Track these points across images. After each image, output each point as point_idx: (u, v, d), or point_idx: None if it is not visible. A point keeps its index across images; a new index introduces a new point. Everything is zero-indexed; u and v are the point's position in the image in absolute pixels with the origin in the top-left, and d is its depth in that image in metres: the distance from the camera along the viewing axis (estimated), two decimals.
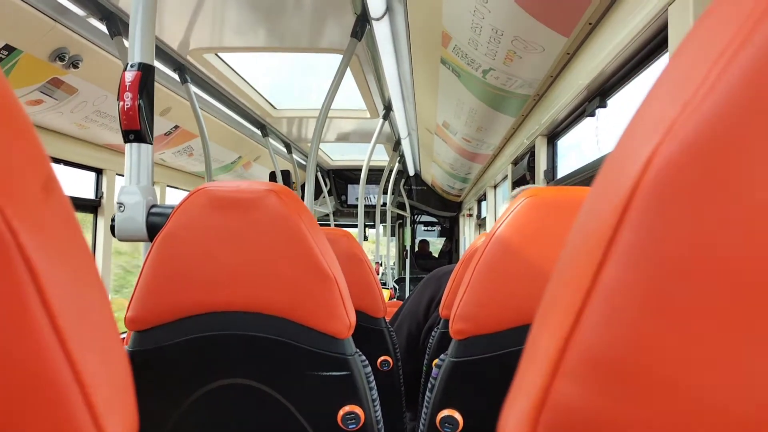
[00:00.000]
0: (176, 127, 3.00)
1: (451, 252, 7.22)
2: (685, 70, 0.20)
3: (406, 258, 6.97)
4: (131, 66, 0.95)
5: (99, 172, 2.84)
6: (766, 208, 0.18)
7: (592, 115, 1.65)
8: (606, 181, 0.22)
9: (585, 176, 1.73)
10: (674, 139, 0.19)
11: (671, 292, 0.19)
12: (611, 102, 1.57)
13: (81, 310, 0.22)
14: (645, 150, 0.20)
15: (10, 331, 0.20)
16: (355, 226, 4.18)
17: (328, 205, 5.99)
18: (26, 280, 0.20)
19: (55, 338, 0.20)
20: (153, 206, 0.97)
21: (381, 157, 5.33)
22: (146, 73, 0.96)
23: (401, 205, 6.80)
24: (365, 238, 6.31)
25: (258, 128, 3.75)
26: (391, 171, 5.13)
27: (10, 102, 0.22)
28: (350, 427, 0.84)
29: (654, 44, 1.23)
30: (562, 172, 2.14)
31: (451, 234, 7.30)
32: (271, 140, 3.89)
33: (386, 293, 4.41)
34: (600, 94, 1.57)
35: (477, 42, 1.68)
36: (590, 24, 1.39)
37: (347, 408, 0.84)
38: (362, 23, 2.01)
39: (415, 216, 7.28)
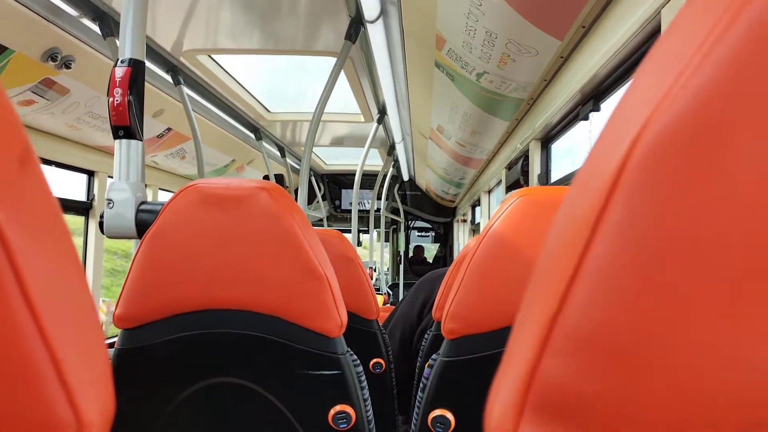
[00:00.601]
0: (169, 129, 2.99)
1: (445, 257, 7.22)
2: (673, 50, 0.20)
3: (400, 263, 6.97)
4: (121, 62, 0.94)
5: (91, 174, 2.82)
6: (752, 185, 0.18)
7: (586, 118, 1.65)
8: (595, 160, 0.21)
9: None
10: (662, 117, 0.19)
11: (659, 269, 0.18)
12: (605, 105, 1.58)
13: (57, 287, 0.22)
14: (633, 128, 0.20)
15: None
16: (349, 231, 4.17)
17: (321, 210, 5.98)
18: (0, 254, 0.19)
19: (28, 314, 0.20)
20: (142, 203, 0.97)
21: (375, 161, 5.34)
22: (137, 69, 0.95)
23: (395, 211, 6.80)
24: (359, 244, 6.31)
25: (251, 131, 3.74)
26: (385, 176, 5.13)
27: None
28: (341, 426, 0.84)
29: (647, 47, 1.23)
30: (556, 176, 2.15)
31: (445, 240, 7.30)
32: (264, 144, 3.88)
33: (380, 299, 4.40)
34: (594, 97, 1.57)
35: (471, 45, 1.68)
36: (584, 27, 1.40)
37: (338, 407, 0.84)
38: (356, 26, 2.01)
39: (409, 221, 7.28)
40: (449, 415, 0.88)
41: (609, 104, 1.56)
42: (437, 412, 0.88)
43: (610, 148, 0.20)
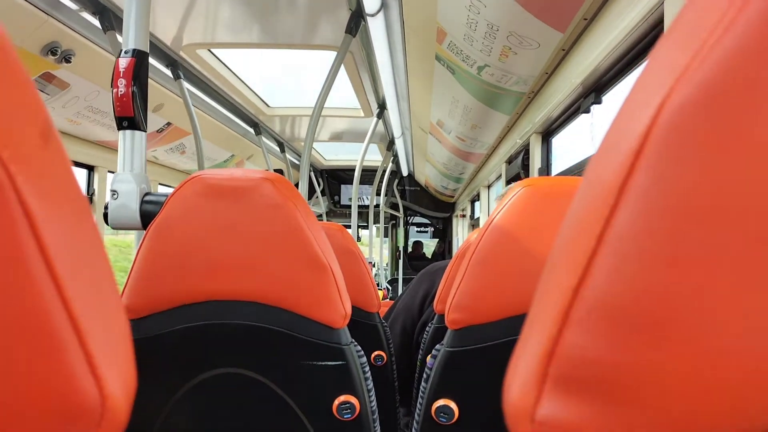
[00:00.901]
0: (168, 124, 2.98)
1: (444, 253, 7.22)
2: (695, 20, 0.20)
3: (399, 259, 6.97)
4: (125, 52, 0.94)
5: (90, 169, 2.82)
6: None
7: (587, 111, 1.65)
8: (618, 130, 0.21)
9: (580, 173, 1.73)
10: (687, 84, 0.19)
11: (684, 237, 0.18)
12: (606, 98, 1.58)
13: (78, 259, 0.22)
14: (658, 94, 0.19)
15: (5, 275, 0.19)
16: (349, 226, 4.17)
17: (321, 206, 5.98)
18: (23, 225, 0.19)
19: (52, 285, 0.20)
20: (146, 194, 0.96)
21: (374, 157, 5.33)
22: (140, 59, 0.95)
23: (394, 206, 6.80)
24: (358, 239, 6.30)
25: (251, 126, 3.74)
26: (384, 171, 5.13)
27: (7, 50, 0.21)
28: (345, 416, 0.84)
29: (651, 38, 1.23)
30: (556, 170, 2.15)
31: (443, 235, 7.30)
32: (264, 139, 3.87)
33: (379, 294, 4.39)
34: (595, 90, 1.57)
35: (472, 38, 1.68)
36: (585, 19, 1.39)
37: (342, 398, 0.84)
38: (357, 19, 2.00)
39: (409, 217, 7.28)
40: (453, 405, 0.88)
41: (610, 97, 1.56)
42: (441, 402, 0.88)
43: (635, 114, 0.20)
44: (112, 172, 2.88)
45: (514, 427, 0.22)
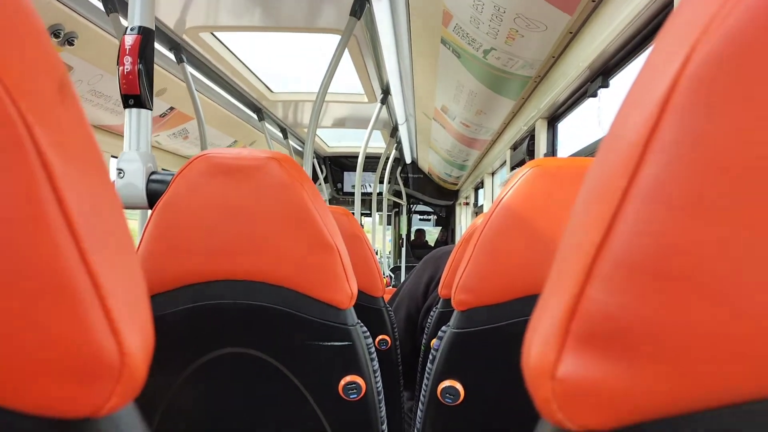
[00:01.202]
0: (171, 108, 2.97)
1: (446, 241, 7.22)
2: None
3: (402, 247, 6.97)
4: (131, 30, 0.93)
5: None
6: None
7: (594, 95, 1.64)
8: (642, 86, 0.21)
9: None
10: (714, 34, 0.18)
11: (711, 190, 0.18)
12: (614, 82, 1.57)
13: (96, 212, 0.21)
14: (682, 49, 0.19)
15: (22, 227, 0.19)
16: (352, 214, 4.16)
17: (324, 193, 5.98)
18: (41, 176, 0.19)
19: (71, 239, 0.20)
20: (153, 173, 0.96)
21: (378, 143, 5.31)
22: (146, 36, 0.94)
23: (397, 194, 6.79)
24: (361, 227, 6.29)
25: (254, 112, 3.72)
26: (387, 158, 5.11)
27: (24, 5, 0.21)
28: (351, 397, 0.84)
29: (659, 20, 1.22)
30: (561, 156, 2.14)
31: (446, 223, 7.30)
32: (267, 125, 3.86)
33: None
34: (603, 73, 1.56)
35: (479, 20, 1.66)
36: (593, 1, 1.38)
37: (348, 378, 0.84)
38: (362, 1, 1.99)
39: (412, 205, 7.27)
40: (458, 386, 0.88)
41: (618, 80, 1.55)
42: (447, 382, 0.89)
43: (659, 68, 0.20)
44: (115, 157, 2.88)
45: (534, 387, 0.22)
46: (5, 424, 0.20)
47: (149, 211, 0.84)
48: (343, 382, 0.84)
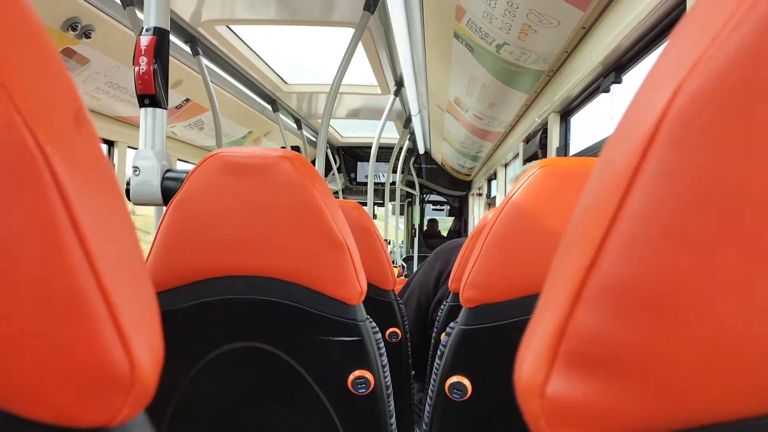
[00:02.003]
0: (187, 100, 3.00)
1: (459, 232, 7.21)
2: (713, 7, 0.20)
3: (415, 237, 6.97)
4: (146, 30, 0.95)
5: (110, 144, 2.85)
6: None
7: (607, 91, 1.64)
8: (632, 116, 0.22)
9: (598, 153, 1.72)
10: (702, 72, 0.19)
11: (696, 221, 0.19)
12: (627, 78, 1.56)
13: (109, 235, 0.23)
14: (671, 83, 0.20)
15: (40, 250, 0.20)
16: (365, 204, 4.18)
17: (337, 182, 5.99)
18: (57, 203, 0.20)
19: (84, 259, 0.21)
20: (168, 171, 0.98)
21: (391, 134, 5.31)
22: (161, 37, 0.95)
23: (410, 184, 6.78)
24: (374, 217, 6.31)
25: (268, 103, 3.74)
26: (401, 149, 5.11)
27: (42, 36, 0.22)
28: (360, 391, 0.85)
29: (673, 16, 1.21)
30: (574, 149, 2.13)
31: (459, 213, 7.28)
32: (281, 116, 3.88)
33: (394, 271, 4.40)
34: (615, 69, 1.55)
35: (492, 15, 1.66)
36: None
37: (357, 373, 0.85)
38: None
39: (424, 195, 7.27)
40: (466, 382, 0.89)
41: (631, 76, 1.54)
42: (454, 378, 0.90)
43: (649, 101, 0.20)
44: (132, 148, 2.91)
45: (524, 403, 0.23)
46: None
47: (164, 208, 0.86)
48: (352, 377, 0.85)
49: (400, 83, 3.28)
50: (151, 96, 0.95)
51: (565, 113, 2.12)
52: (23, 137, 0.20)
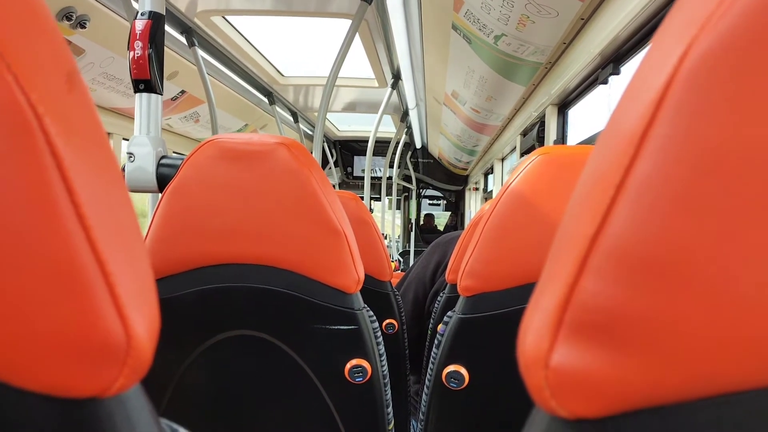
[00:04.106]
0: (183, 92, 2.98)
1: (455, 226, 7.23)
2: None
3: (411, 231, 6.98)
4: (141, 14, 0.94)
5: None
6: None
7: (605, 82, 1.63)
8: (639, 81, 0.21)
9: None
10: (711, 32, 0.19)
11: (703, 186, 0.18)
12: (625, 69, 1.55)
13: (104, 201, 0.22)
14: (681, 44, 0.19)
15: (32, 214, 0.20)
16: (361, 198, 4.17)
17: (334, 177, 5.98)
18: (50, 165, 0.20)
19: (79, 226, 0.20)
20: (163, 157, 0.97)
21: (388, 128, 5.30)
22: (156, 21, 0.94)
23: (407, 178, 6.78)
24: (371, 211, 6.29)
25: (265, 96, 3.73)
26: (397, 143, 5.11)
27: None
28: (357, 380, 0.85)
29: (670, 7, 1.21)
30: (571, 142, 2.13)
31: (456, 208, 7.29)
32: (277, 108, 3.86)
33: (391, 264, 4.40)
34: (614, 60, 1.55)
35: (490, 6, 1.65)
36: None
37: (354, 361, 0.85)
38: None
39: (421, 189, 7.27)
40: (463, 371, 0.89)
41: (629, 67, 1.54)
42: (451, 367, 0.90)
43: (657, 64, 0.20)
44: (127, 140, 2.90)
45: (528, 374, 0.22)
46: (14, 402, 0.20)
47: (159, 195, 0.85)
48: (348, 366, 0.85)
49: (397, 76, 3.27)
50: (146, 81, 0.95)
51: (563, 106, 2.12)
52: (15, 96, 0.19)
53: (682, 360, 0.19)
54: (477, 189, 5.92)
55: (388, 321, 1.61)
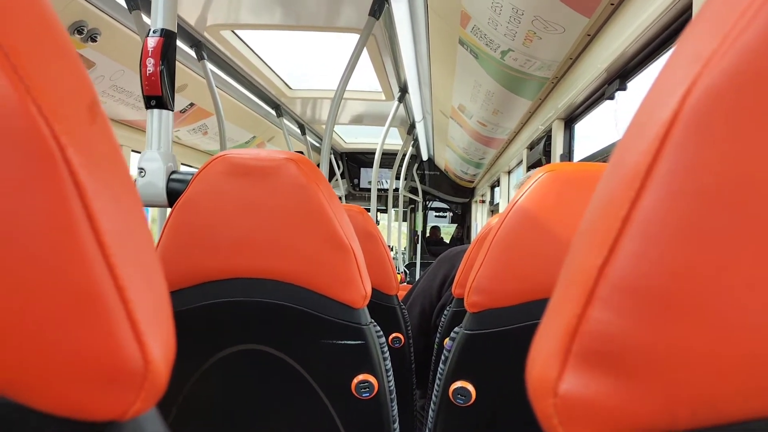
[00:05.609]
0: (192, 104, 3.01)
1: (462, 239, 7.21)
2: (724, 6, 0.20)
3: (418, 243, 6.97)
4: (153, 32, 0.95)
5: None
6: None
7: (612, 98, 1.64)
8: (644, 116, 0.22)
9: (602, 160, 1.72)
10: (714, 70, 0.19)
11: (709, 219, 0.19)
12: (631, 85, 1.56)
13: (124, 229, 0.23)
14: (684, 82, 0.20)
15: (55, 243, 0.20)
16: (368, 210, 4.17)
17: (340, 188, 5.99)
18: (72, 194, 0.20)
19: (100, 254, 0.21)
20: (173, 172, 0.98)
21: (395, 140, 5.31)
22: (168, 39, 0.96)
23: (413, 190, 6.78)
24: (377, 223, 6.28)
25: (273, 108, 3.75)
26: (404, 155, 5.12)
27: (59, 30, 0.22)
28: (364, 395, 0.85)
29: (678, 24, 1.21)
30: (578, 157, 2.13)
31: (462, 220, 7.28)
32: (285, 121, 3.88)
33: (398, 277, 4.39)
34: (620, 76, 1.55)
35: (496, 22, 1.66)
36: (612, 4, 1.37)
37: (361, 377, 0.85)
38: (380, 2, 1.99)
39: (427, 201, 7.26)
40: (470, 387, 0.89)
41: (636, 83, 1.54)
42: (458, 383, 0.90)
43: (661, 100, 0.20)
44: (136, 152, 2.92)
45: (536, 401, 0.23)
46: (35, 426, 0.21)
47: (169, 210, 0.86)
48: (355, 381, 0.85)
49: (404, 89, 3.28)
50: (158, 97, 0.96)
51: (570, 120, 2.12)
52: (39, 127, 0.20)
53: (689, 389, 0.19)
54: (483, 201, 5.91)
55: (394, 335, 1.61)
